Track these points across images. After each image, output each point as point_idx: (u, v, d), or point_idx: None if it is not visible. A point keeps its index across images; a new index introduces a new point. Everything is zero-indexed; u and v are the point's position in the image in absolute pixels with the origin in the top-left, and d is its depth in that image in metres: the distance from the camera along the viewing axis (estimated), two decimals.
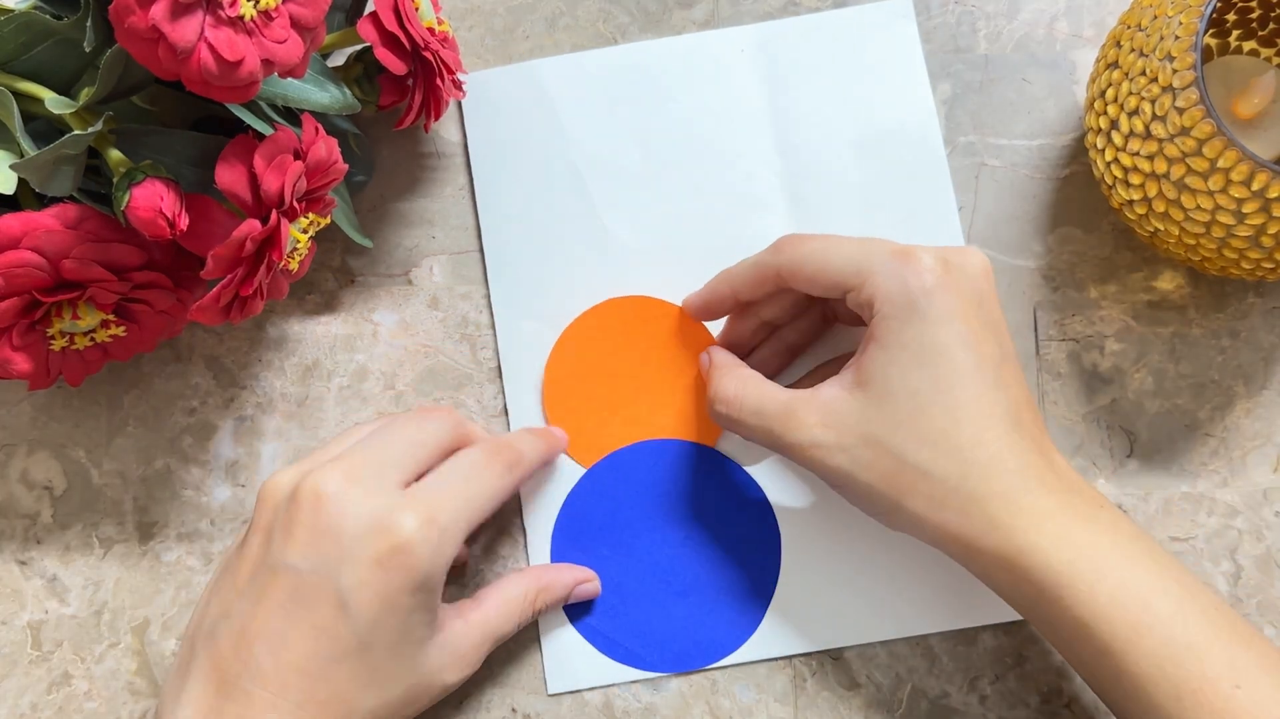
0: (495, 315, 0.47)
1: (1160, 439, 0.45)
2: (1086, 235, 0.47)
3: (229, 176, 0.36)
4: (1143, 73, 0.39)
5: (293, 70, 0.35)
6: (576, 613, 0.44)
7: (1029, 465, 0.37)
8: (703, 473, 0.45)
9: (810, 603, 0.44)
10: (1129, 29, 0.41)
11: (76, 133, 0.35)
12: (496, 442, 0.42)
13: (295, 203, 0.38)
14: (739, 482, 0.45)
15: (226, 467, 0.46)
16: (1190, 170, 0.38)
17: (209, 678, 0.36)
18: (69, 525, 0.46)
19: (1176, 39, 0.38)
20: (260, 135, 0.37)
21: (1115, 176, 0.41)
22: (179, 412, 0.47)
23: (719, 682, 0.44)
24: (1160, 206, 0.40)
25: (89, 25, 0.34)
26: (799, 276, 0.40)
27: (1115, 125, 0.40)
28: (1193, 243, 0.40)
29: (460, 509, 0.38)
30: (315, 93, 0.40)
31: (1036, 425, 0.38)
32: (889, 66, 0.48)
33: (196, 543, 0.46)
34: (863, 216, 0.47)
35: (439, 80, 0.42)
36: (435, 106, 0.43)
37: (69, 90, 0.38)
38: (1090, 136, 0.43)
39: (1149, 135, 0.39)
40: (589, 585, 0.44)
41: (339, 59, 0.47)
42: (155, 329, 0.41)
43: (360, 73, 0.43)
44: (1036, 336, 0.46)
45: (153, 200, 0.35)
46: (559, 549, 0.45)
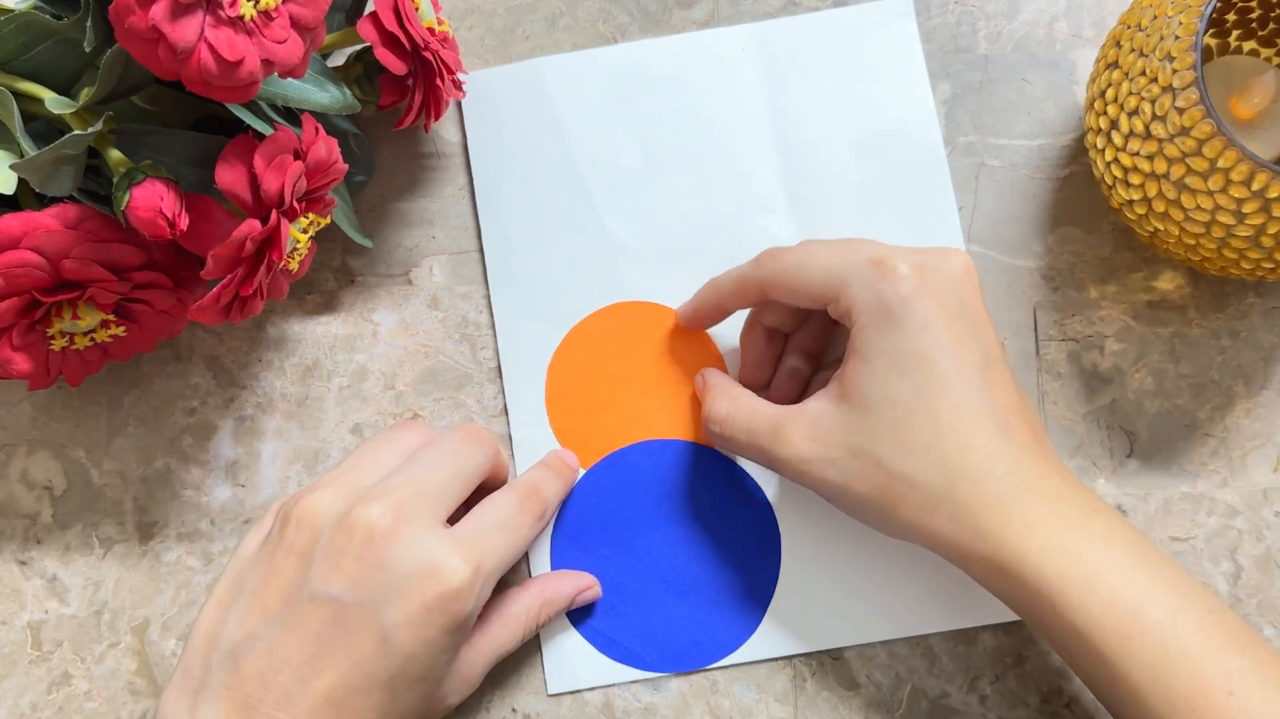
0: (495, 315, 0.47)
1: (1160, 439, 0.45)
2: (1086, 235, 0.47)
3: (229, 176, 0.36)
4: (1143, 73, 0.39)
5: (293, 70, 0.35)
6: (577, 614, 0.44)
7: (1018, 471, 0.37)
8: (703, 473, 0.45)
9: (810, 603, 0.44)
10: (1129, 29, 0.41)
11: (76, 133, 0.35)
12: (528, 489, 0.42)
13: (295, 203, 0.38)
14: (739, 482, 0.45)
15: (226, 467, 0.46)
16: (1190, 170, 0.38)
17: (228, 700, 0.36)
18: (69, 525, 0.46)
19: (1176, 39, 0.38)
20: (260, 135, 0.37)
21: (1115, 176, 0.41)
22: (179, 412, 0.47)
23: (719, 682, 0.44)
24: (1160, 206, 0.40)
25: (89, 25, 0.34)
26: (779, 289, 0.41)
27: (1115, 125, 0.40)
28: (1193, 243, 0.40)
29: (501, 558, 0.39)
30: (315, 93, 0.40)
31: (1028, 428, 0.38)
32: (889, 66, 0.48)
33: (196, 543, 0.46)
34: (863, 216, 0.47)
35: (439, 80, 0.42)
36: (435, 106, 0.43)
37: (69, 90, 0.38)
38: (1090, 136, 0.43)
39: (1149, 135, 0.39)
40: (590, 592, 0.44)
41: (339, 59, 0.47)
42: (155, 329, 0.41)
43: (360, 73, 0.43)
44: (1036, 337, 0.46)
45: (153, 200, 0.35)
46: (559, 549, 0.45)
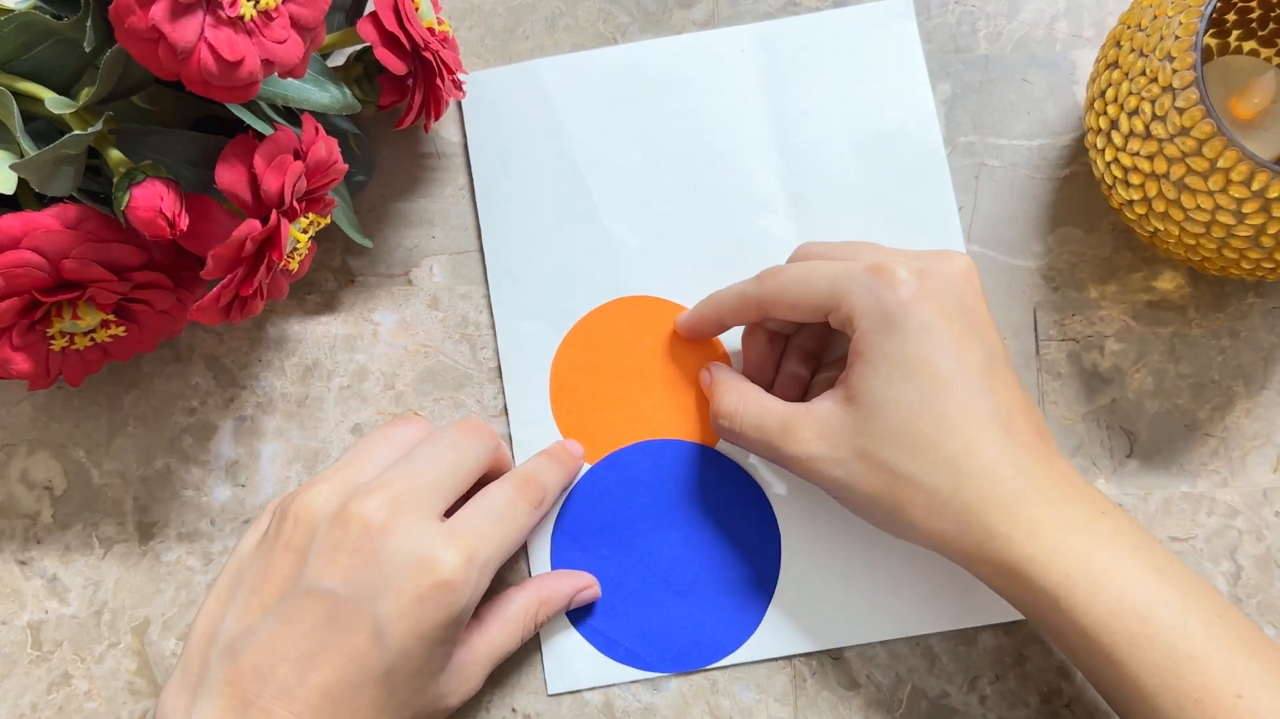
0: (495, 315, 0.47)
1: (1160, 439, 0.45)
2: (1086, 235, 0.47)
3: (229, 176, 0.36)
4: (1143, 73, 0.39)
5: (293, 70, 0.35)
6: (577, 613, 0.44)
7: (1024, 472, 0.37)
8: (703, 473, 0.45)
9: (810, 603, 0.44)
10: (1129, 29, 0.41)
11: (76, 133, 0.35)
12: (524, 477, 0.42)
13: (295, 203, 0.38)
14: (739, 482, 0.45)
15: (226, 467, 0.46)
16: (1190, 170, 0.38)
17: (225, 694, 0.36)
18: (69, 525, 0.46)
19: (1176, 39, 0.38)
20: (260, 135, 0.37)
21: (1115, 176, 0.41)
22: (179, 412, 0.47)
23: (719, 682, 0.44)
24: (1160, 206, 0.40)
25: (89, 25, 0.34)
26: (780, 305, 0.41)
27: (1115, 125, 0.40)
28: (1193, 243, 0.40)
29: (496, 548, 0.39)
30: (315, 93, 0.40)
31: (1033, 428, 0.38)
32: (889, 66, 0.48)
33: (197, 543, 0.46)
34: (863, 216, 0.47)
35: (439, 80, 0.42)
36: (435, 106, 0.43)
37: (69, 90, 0.38)
38: (1090, 136, 0.43)
39: (1149, 135, 0.39)
40: (589, 592, 0.44)
41: (339, 59, 0.47)
42: (155, 329, 0.41)
43: (360, 73, 0.43)
44: (1036, 337, 0.46)
45: (153, 200, 0.35)
46: (559, 548, 0.45)
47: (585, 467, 0.46)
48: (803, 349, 0.45)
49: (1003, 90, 0.48)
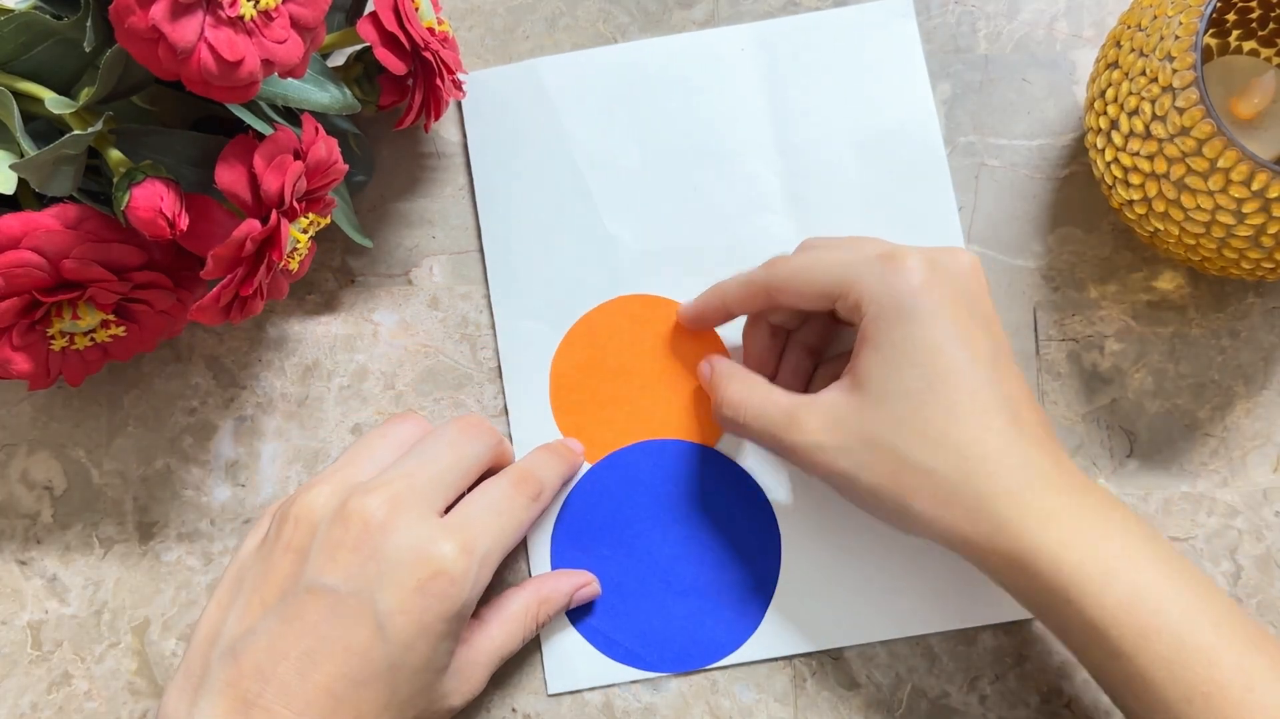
0: (495, 315, 0.47)
1: (1160, 439, 0.45)
2: (1086, 235, 0.47)
3: (229, 176, 0.36)
4: (1143, 73, 0.39)
5: (293, 70, 0.35)
6: (577, 613, 0.44)
7: (1032, 463, 0.36)
8: (703, 473, 0.45)
9: (810, 603, 0.44)
10: (1129, 29, 0.41)
11: (76, 133, 0.35)
12: (521, 472, 0.42)
13: (295, 203, 0.38)
14: (739, 482, 0.45)
15: (226, 467, 0.46)
16: (1190, 170, 0.38)
17: (227, 695, 0.36)
18: (69, 525, 0.46)
19: (1176, 39, 0.38)
20: (260, 135, 0.37)
21: (1115, 176, 0.41)
22: (179, 411, 0.47)
23: (719, 682, 0.44)
24: (1160, 206, 0.40)
25: (89, 25, 0.34)
26: (787, 291, 0.41)
27: (1115, 125, 0.40)
28: (1193, 243, 0.40)
29: (494, 541, 0.39)
30: (315, 93, 0.40)
31: (1039, 422, 0.38)
32: (889, 66, 0.48)
33: (197, 543, 0.46)
34: (863, 216, 0.47)
35: (439, 80, 0.42)
36: (435, 106, 0.43)
37: (69, 90, 0.38)
38: (1090, 136, 0.43)
39: (1149, 135, 0.39)
40: (588, 589, 0.44)
41: (339, 59, 0.47)
42: (155, 329, 0.41)
43: (360, 73, 0.43)
44: (1036, 336, 0.46)
45: (153, 200, 0.35)
46: (559, 548, 0.45)
47: (585, 466, 0.46)
48: (805, 344, 0.45)
49: (1003, 90, 0.48)
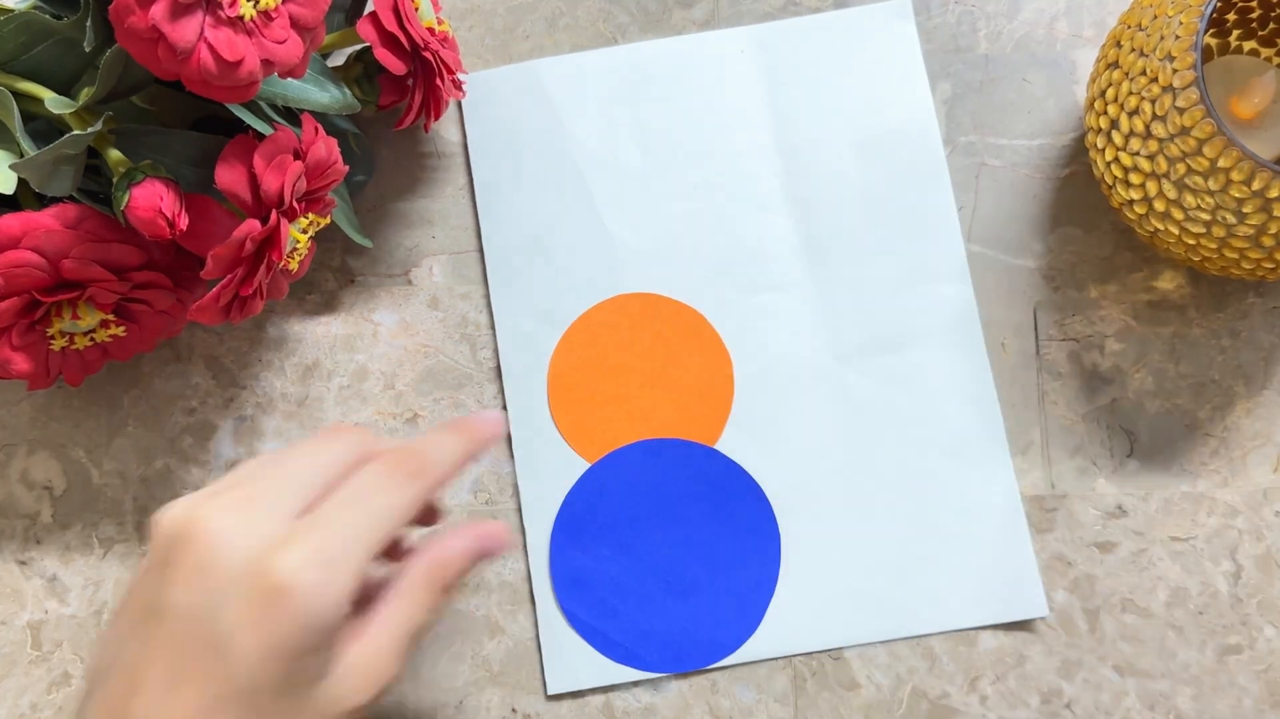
0: (495, 315, 0.47)
1: (1160, 439, 0.45)
2: (1086, 235, 0.47)
3: (229, 176, 0.36)
4: (1143, 72, 0.39)
5: (293, 70, 0.35)
6: (576, 614, 0.44)
7: None
8: (703, 473, 0.45)
9: (810, 603, 0.44)
10: (1129, 29, 0.41)
11: (76, 133, 0.35)
12: (398, 451, 0.37)
13: (295, 203, 0.38)
14: (739, 482, 0.45)
15: (226, 467, 0.46)
16: (1190, 170, 0.38)
17: None
18: (69, 525, 0.46)
19: (1176, 39, 0.38)
20: (260, 135, 0.37)
21: (1115, 176, 0.41)
22: (179, 411, 0.47)
23: (719, 682, 0.44)
24: (1160, 206, 0.40)
25: (89, 25, 0.34)
26: None
27: (1115, 125, 0.40)
28: (1193, 243, 0.40)
29: (352, 537, 0.34)
30: (315, 93, 0.40)
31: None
32: (889, 66, 0.48)
33: None
34: (863, 216, 0.47)
35: (439, 80, 0.42)
36: (435, 106, 0.43)
37: (69, 90, 0.38)
38: (1090, 136, 0.43)
39: (1149, 135, 0.39)
40: (493, 541, 0.39)
41: (339, 59, 0.47)
42: (155, 329, 0.41)
43: (360, 73, 0.43)
44: (1036, 336, 0.46)
45: (153, 200, 0.35)
46: (559, 548, 0.45)
47: (584, 465, 0.45)
48: None
49: (1003, 90, 0.48)
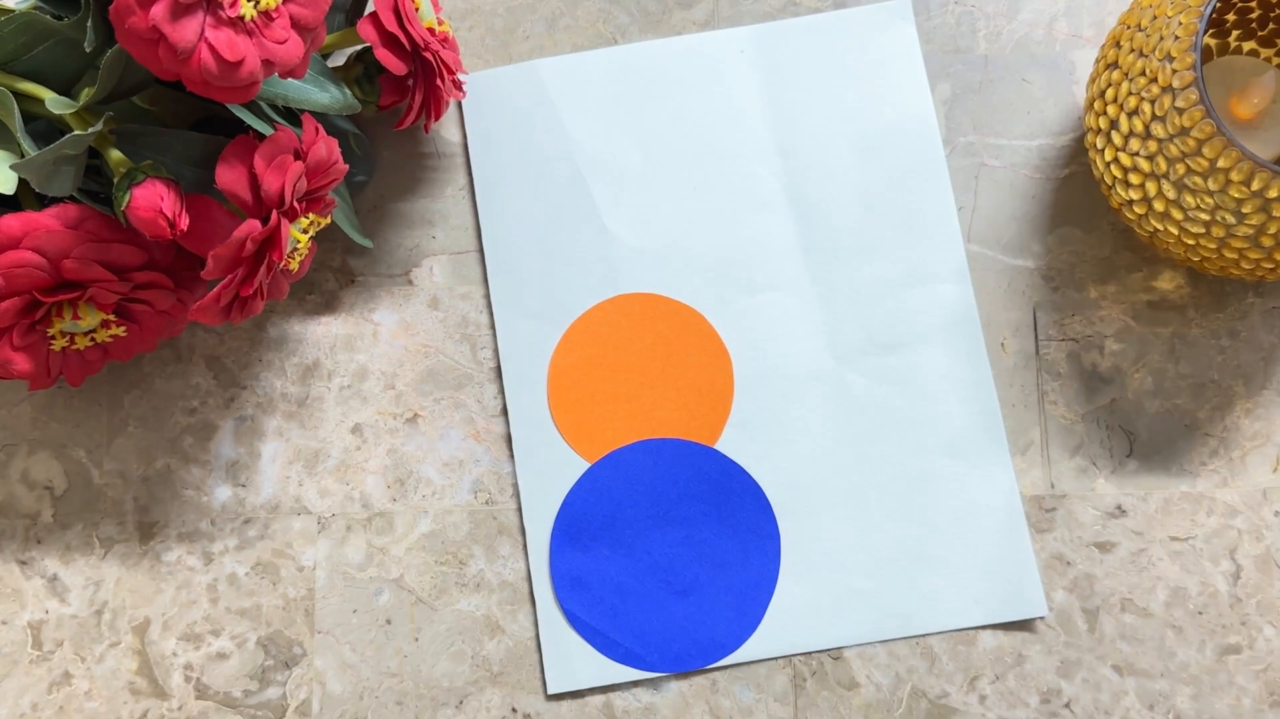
0: (495, 315, 0.47)
1: (1160, 439, 0.45)
2: (1086, 235, 0.47)
3: (229, 176, 0.36)
4: (1142, 73, 0.39)
5: (293, 70, 0.35)
6: (577, 614, 0.44)
7: None
8: (703, 473, 0.45)
9: (810, 603, 0.44)
10: (1129, 29, 0.41)
11: (77, 133, 0.35)
12: None
13: (295, 203, 0.38)
14: (739, 482, 0.45)
15: (227, 467, 0.46)
16: (1190, 170, 0.38)
17: None
18: (69, 525, 0.46)
19: (1176, 39, 0.38)
20: (260, 135, 0.37)
21: (1115, 176, 0.41)
22: (179, 412, 0.47)
23: (719, 682, 0.44)
24: (1160, 206, 0.40)
25: (89, 25, 0.34)
26: None
27: (1115, 125, 0.40)
28: (1192, 243, 0.40)
29: None
30: (315, 93, 0.40)
31: None
32: (889, 67, 0.48)
33: (197, 543, 0.46)
34: (863, 217, 0.47)
35: (439, 80, 0.42)
36: (435, 106, 0.43)
37: (69, 90, 0.38)
38: (1090, 136, 0.43)
39: (1149, 135, 0.39)
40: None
41: (339, 59, 0.47)
42: (156, 329, 0.41)
43: (360, 73, 0.43)
44: (1036, 337, 0.46)
45: (153, 200, 0.35)
46: (558, 548, 0.45)
47: (585, 465, 0.45)
48: None
49: (1002, 90, 0.48)
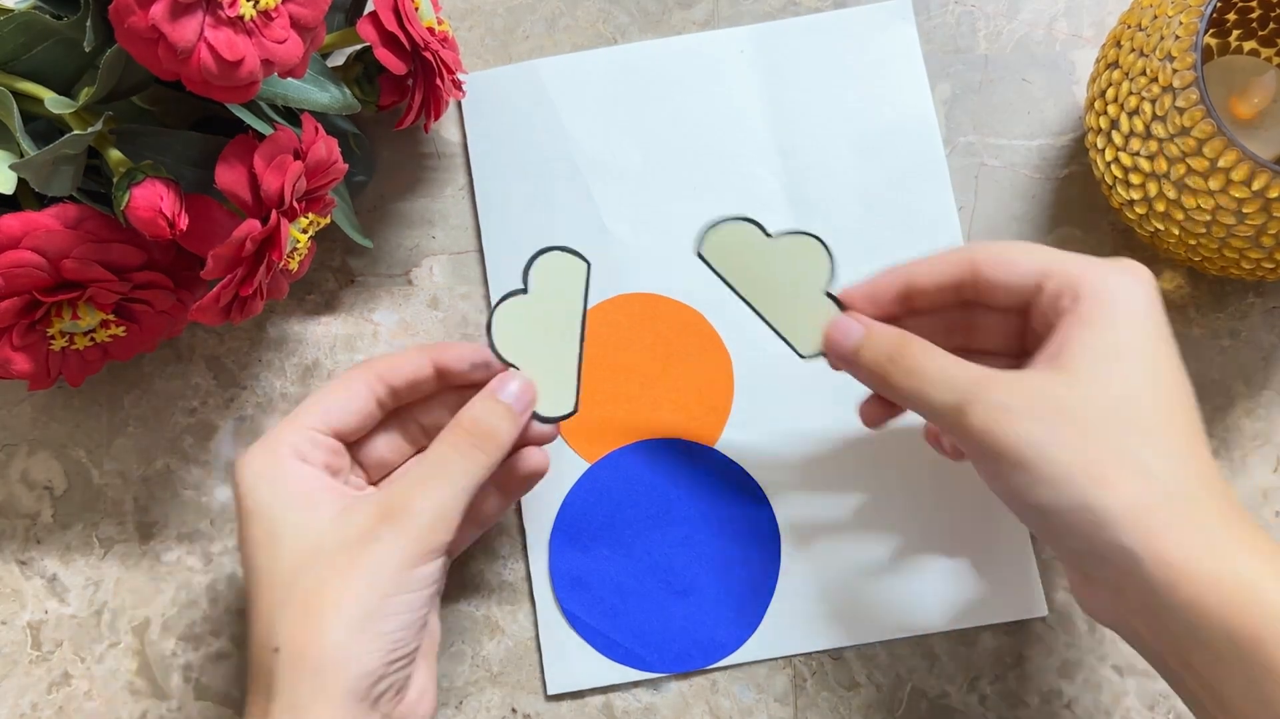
0: None
1: None
2: (1086, 235, 0.47)
3: (229, 176, 0.36)
4: (1143, 73, 0.39)
5: (293, 70, 0.35)
6: (577, 614, 0.44)
7: (1231, 496, 0.33)
8: (703, 473, 0.45)
9: (810, 603, 0.44)
10: (1129, 29, 0.41)
11: (76, 133, 0.35)
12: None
13: (295, 203, 0.38)
14: (739, 482, 0.45)
15: (227, 467, 0.46)
16: (1190, 170, 0.38)
17: None
18: (69, 525, 0.46)
19: (1176, 39, 0.38)
20: (260, 135, 0.37)
21: (1115, 176, 0.41)
22: (179, 412, 0.47)
23: (719, 682, 0.44)
24: (1160, 206, 0.40)
25: (89, 25, 0.34)
26: (996, 263, 0.37)
27: (1115, 125, 0.40)
28: (1193, 243, 0.40)
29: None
30: (315, 93, 0.40)
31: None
32: (889, 66, 0.48)
33: (196, 543, 0.46)
34: (863, 216, 0.47)
35: (439, 80, 0.42)
36: (435, 106, 0.43)
37: (69, 90, 0.38)
38: (1090, 136, 0.43)
39: (1149, 135, 0.39)
40: (520, 394, 0.40)
41: (339, 59, 0.47)
42: (155, 329, 0.41)
43: (360, 73, 0.43)
44: None
45: (153, 200, 0.35)
46: (558, 548, 0.45)
47: (585, 465, 0.45)
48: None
49: (1003, 90, 0.48)
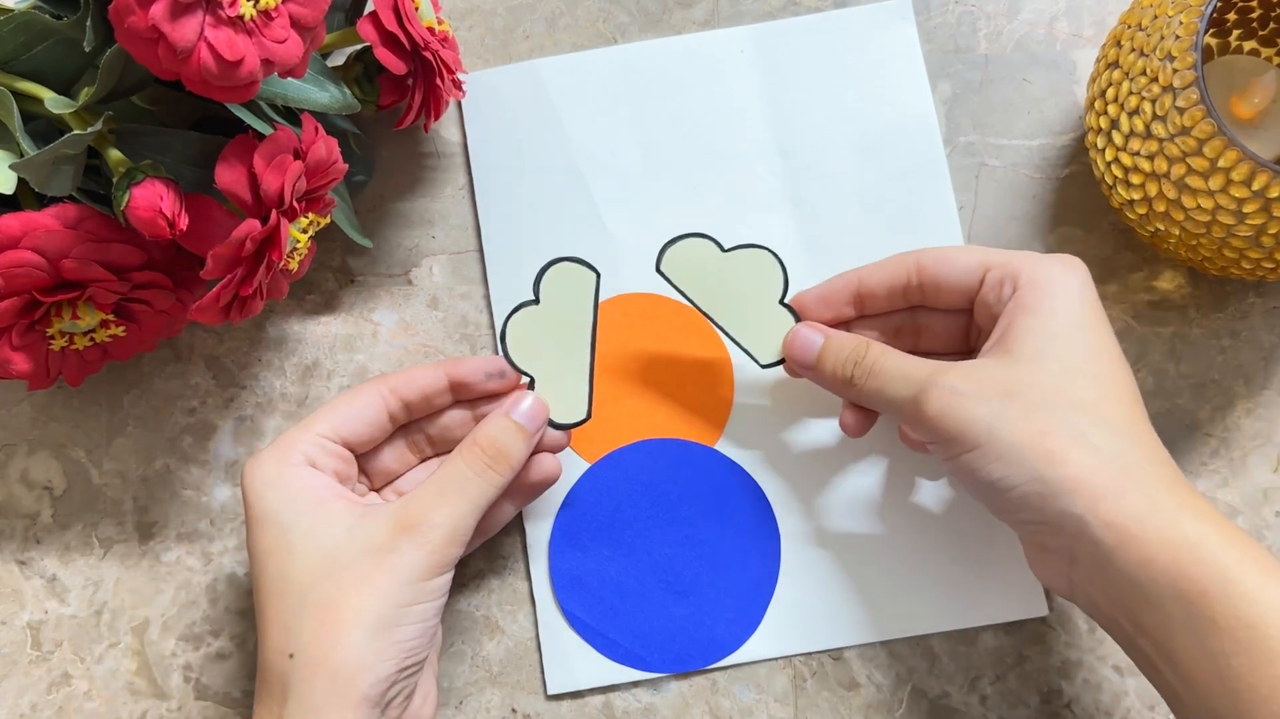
0: (495, 315, 0.47)
1: (1161, 439, 0.45)
2: (1086, 235, 0.47)
3: (229, 176, 0.36)
4: (1143, 72, 0.39)
5: (293, 70, 0.35)
6: (577, 614, 0.44)
7: (1172, 462, 0.36)
8: (703, 473, 0.45)
9: (810, 603, 0.44)
10: (1129, 29, 0.41)
11: (76, 133, 0.35)
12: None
13: (295, 203, 0.38)
14: (739, 482, 0.45)
15: (226, 467, 0.46)
16: (1190, 170, 0.38)
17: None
18: (69, 525, 0.46)
19: (1177, 39, 0.38)
20: (260, 135, 0.37)
21: (1115, 176, 0.41)
22: (179, 412, 0.47)
23: (719, 682, 0.44)
24: (1160, 206, 0.40)
25: (89, 25, 0.34)
26: (940, 263, 0.41)
27: (1115, 125, 0.40)
28: (1193, 243, 0.40)
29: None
30: (315, 93, 0.40)
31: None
32: (889, 66, 0.48)
33: (196, 543, 0.46)
34: (863, 216, 0.47)
35: (439, 80, 0.42)
36: (435, 106, 0.43)
37: (69, 90, 0.38)
38: (1090, 136, 0.43)
39: (1149, 135, 0.39)
40: (531, 413, 0.41)
41: (339, 59, 0.47)
42: (155, 329, 0.41)
43: (360, 73, 0.43)
44: None
45: (153, 200, 0.35)
46: (558, 548, 0.45)
47: (585, 465, 0.45)
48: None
49: (1003, 90, 0.48)
